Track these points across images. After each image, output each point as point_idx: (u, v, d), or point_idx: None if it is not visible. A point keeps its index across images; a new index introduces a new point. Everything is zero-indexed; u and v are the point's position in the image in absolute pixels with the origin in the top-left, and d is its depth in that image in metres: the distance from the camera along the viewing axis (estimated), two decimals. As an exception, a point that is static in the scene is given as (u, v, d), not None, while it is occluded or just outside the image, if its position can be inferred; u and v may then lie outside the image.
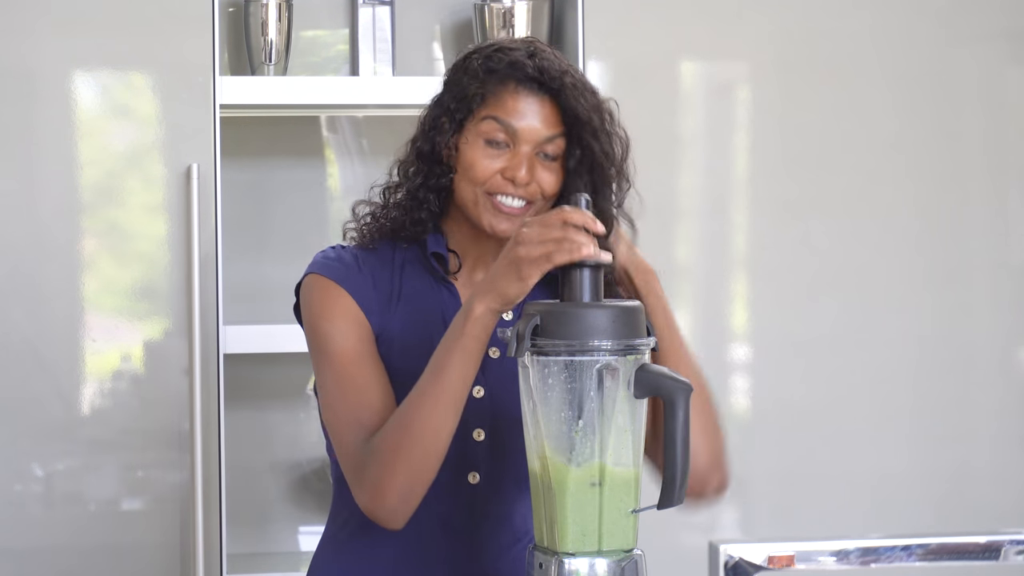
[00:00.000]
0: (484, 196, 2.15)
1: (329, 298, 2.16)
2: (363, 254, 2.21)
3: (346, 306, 2.15)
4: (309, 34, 3.45)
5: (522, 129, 2.13)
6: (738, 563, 2.01)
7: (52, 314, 3.07)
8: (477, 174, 2.14)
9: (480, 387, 2.18)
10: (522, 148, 2.14)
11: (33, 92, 3.08)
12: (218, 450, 3.07)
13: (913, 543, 2.06)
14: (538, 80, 2.14)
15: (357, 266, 2.19)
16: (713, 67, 3.34)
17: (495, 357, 2.19)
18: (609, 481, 1.90)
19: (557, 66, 2.15)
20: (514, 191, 2.14)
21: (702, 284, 3.31)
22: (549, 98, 2.15)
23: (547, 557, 1.91)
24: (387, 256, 2.21)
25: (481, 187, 2.14)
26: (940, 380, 3.34)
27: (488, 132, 2.14)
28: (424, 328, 2.18)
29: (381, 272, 2.20)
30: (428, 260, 2.20)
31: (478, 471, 2.18)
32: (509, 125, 2.13)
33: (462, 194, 2.16)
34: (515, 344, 1.90)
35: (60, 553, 3.07)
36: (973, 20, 3.35)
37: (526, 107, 2.14)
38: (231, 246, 3.27)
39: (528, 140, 2.14)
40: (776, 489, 3.30)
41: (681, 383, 1.88)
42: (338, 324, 2.14)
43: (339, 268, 2.18)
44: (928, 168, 3.35)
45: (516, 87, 2.14)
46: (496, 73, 2.15)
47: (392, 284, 2.19)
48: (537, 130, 2.14)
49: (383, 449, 2.05)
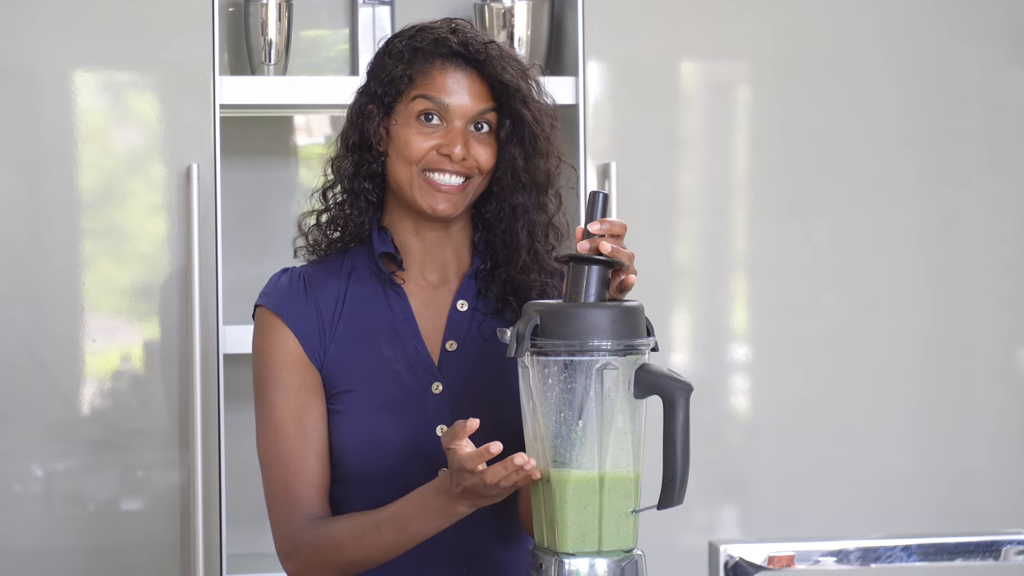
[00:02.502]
0: (420, 176, 2.15)
1: (271, 339, 2.19)
2: (311, 272, 2.22)
3: (287, 349, 2.18)
4: (309, 34, 3.44)
5: (453, 105, 2.14)
6: (738, 563, 2.02)
7: (52, 314, 3.06)
8: (412, 152, 2.14)
9: (438, 383, 2.18)
10: (455, 123, 2.15)
11: (33, 92, 3.08)
12: (218, 450, 3.07)
13: (913, 543, 2.07)
14: (463, 55, 2.15)
15: (303, 291, 2.20)
16: (713, 67, 3.34)
17: (452, 350, 2.19)
18: (609, 481, 1.89)
19: (480, 38, 2.17)
20: (451, 167, 2.14)
21: (702, 284, 3.31)
22: (476, 72, 2.16)
23: (547, 557, 1.91)
24: (336, 267, 2.22)
25: (417, 165, 2.14)
26: (941, 380, 3.34)
27: (420, 109, 2.14)
28: (368, 340, 2.19)
29: (328, 288, 2.21)
30: (375, 262, 2.20)
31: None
32: (440, 101, 2.14)
33: (398, 176, 2.16)
34: (515, 344, 1.90)
35: (60, 553, 3.07)
36: (975, 19, 3.35)
37: (454, 83, 2.15)
38: (231, 246, 3.27)
39: (460, 115, 2.14)
40: (776, 489, 3.29)
41: (681, 383, 1.88)
42: (279, 373, 2.17)
43: (279, 297, 2.20)
44: (929, 168, 3.35)
45: (443, 63, 2.16)
46: (421, 51, 2.16)
47: (338, 297, 2.20)
48: (468, 105, 2.15)
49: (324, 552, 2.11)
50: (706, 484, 3.25)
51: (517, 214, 2.19)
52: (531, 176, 2.18)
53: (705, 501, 3.27)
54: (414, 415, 2.17)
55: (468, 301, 2.21)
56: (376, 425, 2.16)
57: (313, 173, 3.47)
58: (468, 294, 2.22)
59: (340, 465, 2.19)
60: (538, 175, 2.18)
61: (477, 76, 2.16)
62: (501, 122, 2.17)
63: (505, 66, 2.16)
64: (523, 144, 2.17)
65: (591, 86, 3.22)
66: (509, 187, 2.19)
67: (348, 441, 2.17)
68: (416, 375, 2.18)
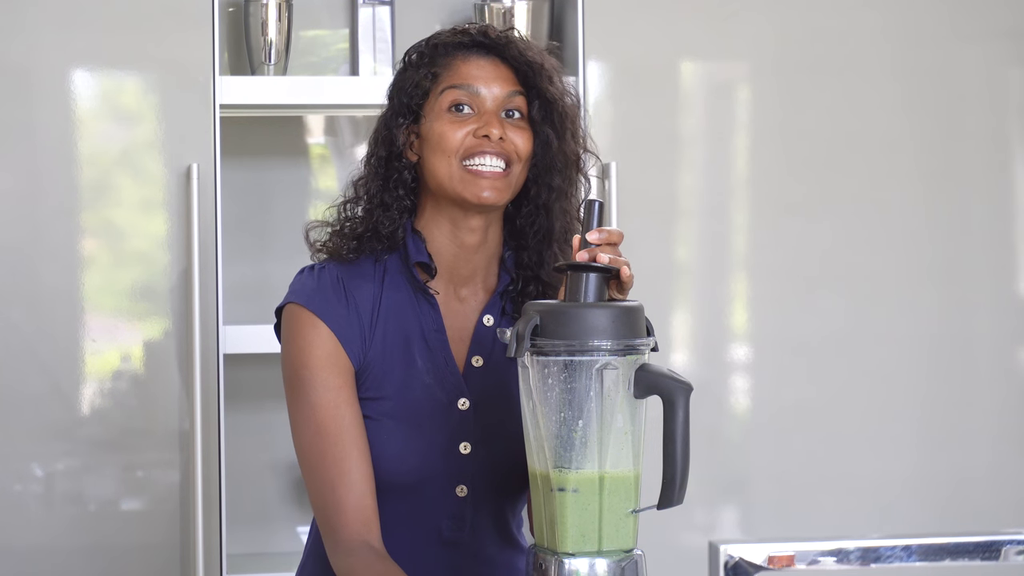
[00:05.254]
0: (460, 168, 2.12)
1: (309, 338, 2.13)
2: (344, 272, 2.17)
3: (327, 349, 2.13)
4: (309, 34, 3.44)
5: (482, 90, 2.13)
6: (738, 563, 2.02)
7: (52, 314, 3.06)
8: (448, 143, 2.12)
9: (464, 399, 2.17)
10: (487, 107, 2.13)
11: (33, 91, 3.08)
12: (218, 450, 3.07)
13: (913, 543, 2.07)
14: (483, 44, 2.16)
15: (340, 290, 2.15)
16: (713, 67, 3.34)
17: (477, 366, 2.18)
18: (609, 481, 1.89)
19: (497, 28, 2.17)
20: (491, 148, 2.12)
21: (702, 284, 3.31)
22: (498, 57, 2.16)
23: (547, 557, 1.91)
24: (369, 270, 2.18)
25: (456, 156, 2.12)
26: (941, 380, 3.34)
27: (451, 100, 2.13)
28: (404, 349, 2.16)
29: (364, 290, 2.16)
30: (410, 270, 2.16)
31: (466, 484, 2.17)
32: (469, 88, 2.13)
33: (437, 173, 2.14)
34: (515, 344, 1.89)
35: (60, 553, 3.07)
36: (976, 19, 3.35)
37: (479, 70, 2.15)
38: (231, 246, 3.27)
39: (492, 100, 2.14)
40: (776, 489, 3.29)
41: (681, 383, 1.88)
42: (318, 373, 2.12)
43: (321, 298, 2.15)
44: (929, 168, 3.35)
45: (465, 54, 2.16)
46: (440, 48, 2.15)
47: (374, 301, 2.16)
48: (497, 88, 2.14)
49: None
50: (706, 484, 3.26)
51: (554, 197, 2.17)
52: (565, 157, 2.17)
53: (705, 501, 3.27)
54: (440, 430, 2.15)
55: (494, 316, 2.19)
56: (404, 436, 2.14)
57: (314, 174, 3.48)
58: (494, 310, 2.19)
59: None
60: (571, 155, 2.17)
61: (500, 61, 2.16)
62: (531, 104, 2.16)
63: (528, 46, 2.17)
64: (554, 124, 2.16)
65: (591, 86, 3.23)
66: (546, 169, 2.17)
67: (374, 448, 2.13)
68: (445, 389, 2.16)
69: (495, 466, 2.16)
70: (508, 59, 2.16)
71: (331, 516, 2.10)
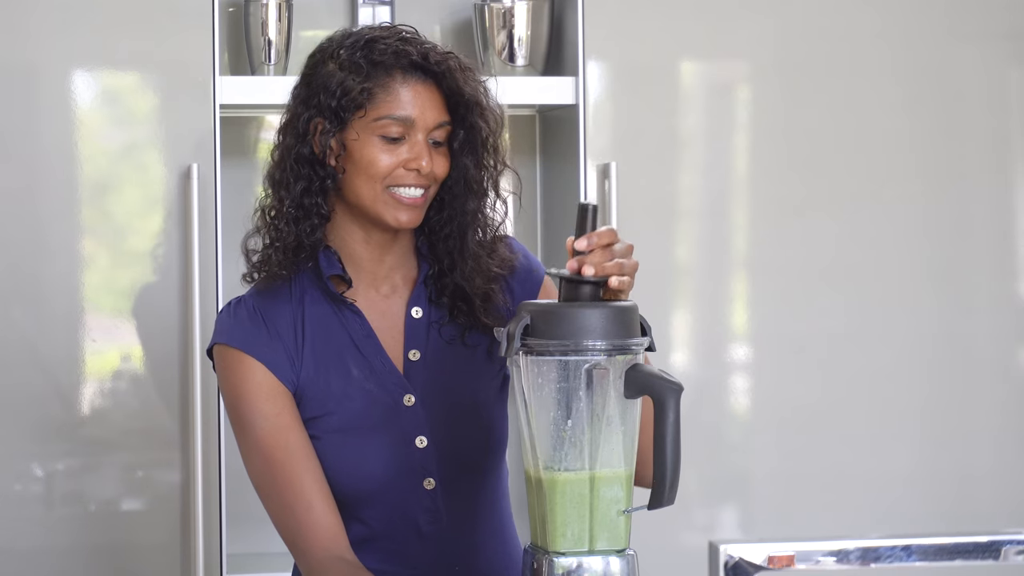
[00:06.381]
0: (383, 191, 2.12)
1: (240, 373, 2.15)
2: (260, 301, 2.18)
3: (259, 380, 2.14)
4: (309, 34, 3.44)
5: (416, 118, 2.12)
6: (738, 563, 2.01)
7: (52, 314, 3.07)
8: (378, 170, 2.12)
9: (410, 395, 2.17)
10: (417, 136, 2.13)
11: (33, 91, 3.08)
12: (218, 450, 3.07)
13: (913, 543, 2.06)
14: (422, 67, 2.13)
15: (259, 320, 2.16)
16: (713, 67, 3.34)
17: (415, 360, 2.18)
18: (600, 481, 1.89)
19: (438, 50, 2.15)
20: (415, 180, 2.13)
21: (702, 284, 3.31)
22: (434, 83, 2.14)
23: (540, 556, 1.91)
24: (284, 292, 2.18)
25: (381, 181, 2.12)
26: (941, 380, 3.34)
27: (384, 129, 2.12)
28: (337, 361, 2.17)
29: (283, 314, 2.17)
30: (325, 283, 2.17)
31: (432, 476, 2.18)
32: (406, 118, 2.12)
33: (359, 192, 2.14)
34: (506, 344, 1.89)
35: (60, 553, 3.07)
36: (975, 19, 3.35)
37: (415, 96, 2.13)
38: (231, 246, 3.27)
39: (422, 128, 2.13)
40: (776, 489, 3.29)
41: (671, 383, 1.87)
42: (255, 404, 2.14)
43: (241, 332, 2.16)
44: (930, 168, 3.35)
45: (403, 77, 2.13)
46: (380, 65, 2.12)
47: (295, 322, 2.17)
48: (429, 117, 2.13)
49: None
50: (706, 484, 3.26)
51: (468, 220, 2.18)
52: (480, 183, 2.18)
53: (705, 501, 3.27)
54: (391, 431, 2.16)
55: (422, 307, 2.20)
56: (357, 446, 2.15)
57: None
58: (421, 300, 2.20)
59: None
60: (487, 182, 2.18)
61: (435, 88, 2.14)
62: (454, 132, 2.16)
63: (466, 78, 2.15)
64: (475, 152, 2.17)
65: (591, 86, 3.23)
66: (461, 194, 2.18)
67: (331, 465, 2.15)
68: (387, 390, 2.17)
69: (456, 453, 2.18)
70: (443, 88, 2.15)
71: (296, 539, 2.12)
